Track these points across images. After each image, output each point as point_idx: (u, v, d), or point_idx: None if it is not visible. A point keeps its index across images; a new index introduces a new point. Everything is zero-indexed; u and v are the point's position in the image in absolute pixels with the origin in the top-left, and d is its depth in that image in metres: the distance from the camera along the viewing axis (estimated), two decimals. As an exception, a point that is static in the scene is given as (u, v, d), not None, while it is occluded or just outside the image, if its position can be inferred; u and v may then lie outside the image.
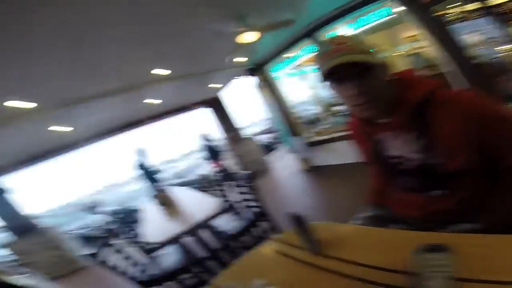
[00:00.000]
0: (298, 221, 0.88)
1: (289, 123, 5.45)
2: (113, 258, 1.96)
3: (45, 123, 4.05)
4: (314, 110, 5.44)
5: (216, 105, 7.10)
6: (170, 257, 2.23)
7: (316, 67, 0.81)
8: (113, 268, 1.85)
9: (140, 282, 1.91)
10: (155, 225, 2.48)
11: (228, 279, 0.93)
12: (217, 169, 5.94)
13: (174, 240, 1.97)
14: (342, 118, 4.51)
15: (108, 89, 3.84)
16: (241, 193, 2.43)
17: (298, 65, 5.08)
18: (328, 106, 4.99)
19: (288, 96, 5.49)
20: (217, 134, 7.07)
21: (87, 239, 2.62)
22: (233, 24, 3.12)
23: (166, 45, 3.33)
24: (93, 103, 3.91)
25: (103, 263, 1.82)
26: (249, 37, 3.25)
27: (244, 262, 1.04)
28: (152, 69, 3.89)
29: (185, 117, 7.18)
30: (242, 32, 3.18)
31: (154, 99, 5.17)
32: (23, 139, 4.28)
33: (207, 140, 6.23)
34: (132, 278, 1.91)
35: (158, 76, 4.16)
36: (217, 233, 2.32)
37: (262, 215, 2.28)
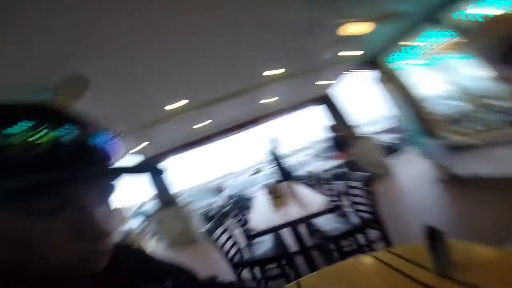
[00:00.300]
0: (434, 235, 0.75)
1: (421, 121, 4.55)
2: (221, 238, 2.24)
3: (191, 122, 5.28)
4: (457, 105, 4.22)
5: (327, 102, 6.87)
6: (264, 245, 2.36)
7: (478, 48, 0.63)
8: (218, 246, 2.12)
9: (233, 263, 2.10)
10: (261, 213, 2.68)
11: (317, 283, 0.88)
12: (342, 160, 5.55)
13: (272, 230, 2.07)
14: (505, 116, 3.28)
15: (234, 90, 4.48)
16: (353, 195, 2.27)
17: (428, 53, 4.11)
18: (479, 100, 3.74)
19: (418, 89, 4.56)
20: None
21: (207, 218, 3.19)
22: (341, 16, 2.90)
23: (276, 44, 3.45)
24: (224, 103, 4.72)
25: (212, 240, 2.11)
26: (359, 28, 2.95)
27: (340, 268, 0.96)
28: (265, 70, 4.19)
29: (300, 115, 7.34)
30: (350, 23, 2.92)
31: (269, 98, 5.58)
32: (176, 133, 5.72)
33: (334, 129, 5.83)
34: (229, 258, 2.13)
35: (271, 76, 4.45)
36: (315, 231, 2.25)
37: (372, 222, 2.07)
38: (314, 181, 3.47)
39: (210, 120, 5.67)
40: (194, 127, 5.71)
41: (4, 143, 0.26)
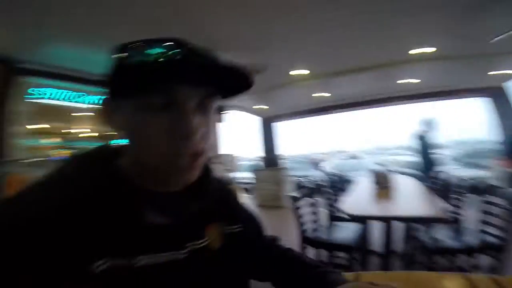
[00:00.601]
0: None
1: None
2: (305, 209, 2.23)
3: (311, 89, 5.19)
4: None
5: (498, 96, 5.08)
6: (345, 231, 2.22)
7: None
8: (298, 216, 2.13)
9: (304, 238, 2.08)
10: (357, 198, 2.51)
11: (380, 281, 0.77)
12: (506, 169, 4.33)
13: (361, 219, 1.91)
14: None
15: (365, 64, 4.01)
16: (488, 213, 1.89)
17: None
18: None
19: None
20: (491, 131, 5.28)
21: (300, 187, 3.21)
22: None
23: (430, 16, 2.70)
24: (350, 76, 4.36)
25: (295, 208, 2.14)
26: None
27: (412, 276, 0.81)
28: (412, 47, 3.44)
29: (450, 103, 5.97)
30: None
31: (411, 78, 4.69)
32: (295, 98, 5.82)
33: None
34: (303, 231, 2.11)
35: (419, 54, 3.63)
36: (413, 238, 1.94)
37: (493, 248, 1.74)
38: (441, 185, 2.87)
39: (331, 92, 5.47)
40: (314, 95, 5.63)
41: (144, 58, 0.37)
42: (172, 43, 0.37)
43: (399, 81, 4.84)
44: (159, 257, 0.41)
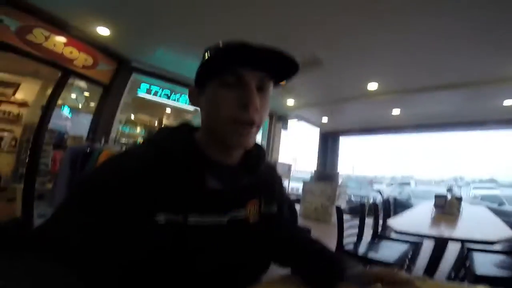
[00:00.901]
0: None
1: None
2: (351, 224, 2.23)
3: (388, 105, 4.91)
4: None
5: None
6: (387, 250, 2.13)
7: None
8: (341, 229, 2.09)
9: (343, 251, 2.06)
10: (410, 219, 2.33)
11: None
12: None
13: (408, 234, 1.80)
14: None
15: (448, 82, 3.67)
16: None
17: None
18: None
19: None
20: None
21: (351, 203, 3.04)
22: None
23: None
24: (428, 94, 4.03)
25: (340, 221, 2.10)
26: None
27: None
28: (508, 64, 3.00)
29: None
30: None
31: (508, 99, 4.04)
32: (367, 113, 5.57)
33: None
34: (342, 244, 2.08)
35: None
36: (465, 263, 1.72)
37: None
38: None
39: (404, 109, 5.07)
40: (393, 113, 5.32)
41: (220, 51, 0.51)
42: (237, 41, 0.50)
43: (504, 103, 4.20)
44: (205, 219, 0.51)
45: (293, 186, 7.84)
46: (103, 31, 2.94)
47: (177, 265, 0.47)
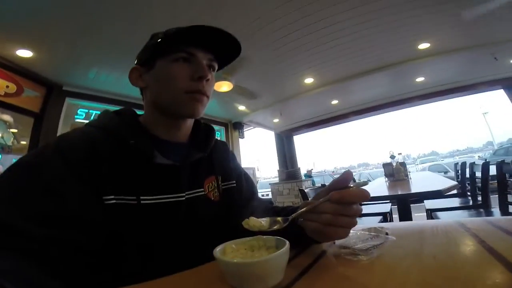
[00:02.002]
0: None
1: None
2: None
3: (326, 97, 5.33)
4: None
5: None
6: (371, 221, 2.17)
7: None
8: None
9: None
10: (370, 190, 2.50)
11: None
12: None
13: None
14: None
15: (371, 66, 4.16)
16: None
17: None
18: None
19: None
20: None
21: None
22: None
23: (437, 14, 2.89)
24: (356, 80, 4.49)
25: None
26: None
27: None
28: (418, 43, 3.57)
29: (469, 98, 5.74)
30: None
31: (420, 76, 4.72)
32: (310, 107, 5.94)
33: None
34: None
35: (425, 50, 3.74)
36: None
37: None
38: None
39: (341, 99, 5.58)
40: (332, 102, 5.75)
41: (174, 30, 0.55)
42: (193, 27, 0.55)
43: (414, 79, 4.85)
44: (160, 198, 0.51)
45: (261, 192, 7.84)
46: (24, 53, 2.74)
47: (136, 245, 0.46)
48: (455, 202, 2.51)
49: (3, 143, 3.85)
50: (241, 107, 5.65)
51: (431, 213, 2.27)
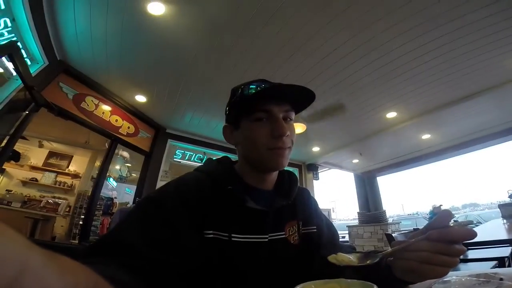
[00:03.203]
0: None
1: None
2: None
3: (414, 131, 4.68)
4: None
5: None
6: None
7: None
8: None
9: None
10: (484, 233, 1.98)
11: None
12: None
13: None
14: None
15: (468, 91, 3.56)
16: None
17: None
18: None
19: None
20: None
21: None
22: None
23: None
24: (451, 108, 3.86)
25: None
26: None
27: None
28: None
29: None
30: None
31: None
32: (396, 145, 5.29)
33: None
34: None
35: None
36: None
37: None
38: None
39: (434, 132, 4.82)
40: (423, 137, 5.03)
41: (250, 91, 0.64)
42: (261, 80, 0.66)
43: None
44: (248, 238, 0.58)
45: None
46: (141, 98, 3.51)
47: (222, 275, 0.53)
48: None
49: (121, 174, 4.86)
50: (315, 149, 5.55)
51: None
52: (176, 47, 2.60)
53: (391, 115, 4.12)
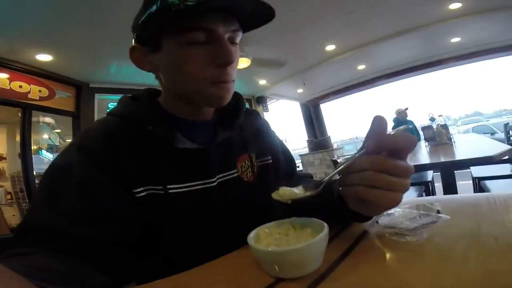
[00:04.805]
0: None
1: None
2: None
3: (351, 62, 4.92)
4: None
5: None
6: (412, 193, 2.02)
7: None
8: None
9: None
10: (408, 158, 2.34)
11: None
12: None
13: None
14: None
15: (399, 29, 3.74)
16: None
17: None
18: None
19: None
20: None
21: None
22: None
23: None
24: (384, 43, 4.08)
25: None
26: None
27: None
28: (449, 3, 3.11)
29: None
30: None
31: (455, 37, 4.18)
32: (335, 75, 5.56)
33: None
34: None
35: (456, 10, 3.28)
36: None
37: None
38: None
39: (368, 63, 5.14)
40: (359, 68, 5.39)
41: (183, 3, 0.38)
42: None
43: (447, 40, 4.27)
44: (189, 186, 0.47)
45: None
46: (44, 57, 2.90)
47: (169, 235, 0.45)
48: (507, 169, 2.15)
49: (51, 143, 4.34)
50: (262, 81, 5.50)
51: (478, 182, 2.00)
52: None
53: (330, 47, 4.20)
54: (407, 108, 4.79)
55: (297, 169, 0.73)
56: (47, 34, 2.51)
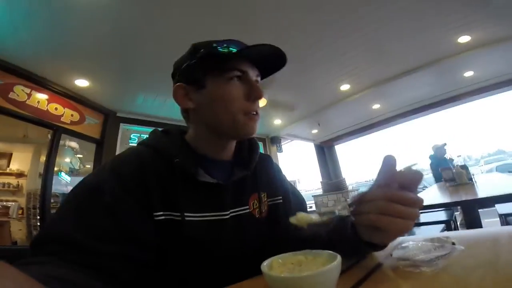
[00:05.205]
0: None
1: None
2: None
3: (366, 101, 5.08)
4: None
5: None
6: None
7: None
8: None
9: None
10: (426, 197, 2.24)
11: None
12: None
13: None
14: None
15: (411, 66, 3.90)
16: None
17: None
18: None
19: None
20: None
21: None
22: None
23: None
24: (397, 81, 4.21)
25: None
26: None
27: None
28: (457, 37, 3.27)
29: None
30: None
31: (468, 71, 4.27)
32: (350, 114, 5.69)
33: None
34: None
35: (466, 44, 3.43)
36: None
37: None
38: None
39: (383, 102, 5.25)
40: (374, 107, 5.49)
41: (226, 49, 0.54)
42: (232, 40, 0.57)
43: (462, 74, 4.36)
44: (205, 216, 0.52)
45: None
46: (82, 83, 3.15)
47: (180, 261, 0.49)
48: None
49: (72, 167, 4.48)
50: (277, 121, 5.66)
51: (505, 218, 1.91)
52: (114, 20, 2.29)
53: (345, 87, 4.37)
54: (445, 144, 4.27)
55: (310, 209, 0.75)
56: (88, 60, 2.79)
